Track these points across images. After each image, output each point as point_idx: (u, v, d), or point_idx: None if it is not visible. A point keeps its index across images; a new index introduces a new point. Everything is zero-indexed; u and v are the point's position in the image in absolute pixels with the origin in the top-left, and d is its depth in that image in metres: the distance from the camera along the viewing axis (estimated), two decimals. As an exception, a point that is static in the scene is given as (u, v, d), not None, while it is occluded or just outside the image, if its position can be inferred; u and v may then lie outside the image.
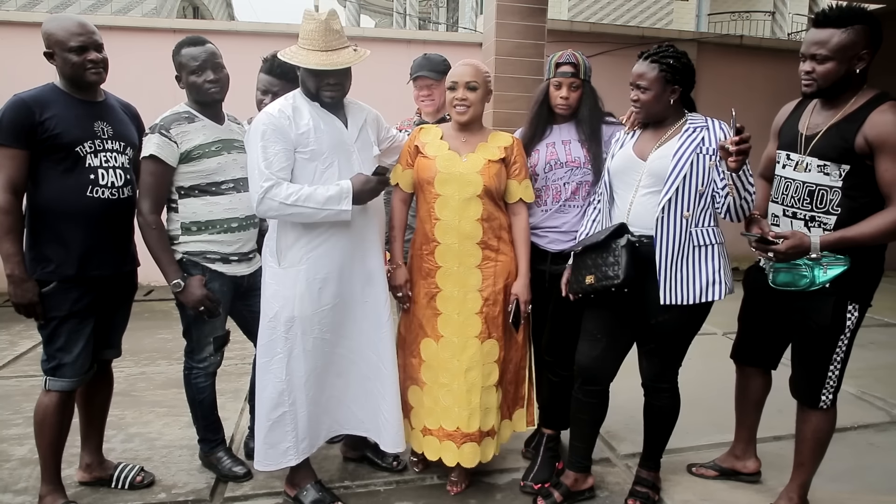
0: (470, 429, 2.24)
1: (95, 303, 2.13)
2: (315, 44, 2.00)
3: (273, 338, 2.13)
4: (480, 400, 2.25)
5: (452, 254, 2.23)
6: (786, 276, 2.04)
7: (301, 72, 2.09)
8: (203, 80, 2.23)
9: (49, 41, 2.03)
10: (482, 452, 2.29)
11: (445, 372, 2.26)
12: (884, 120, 1.87)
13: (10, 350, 4.01)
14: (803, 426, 2.14)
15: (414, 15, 17.46)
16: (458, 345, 2.24)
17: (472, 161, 2.23)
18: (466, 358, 2.23)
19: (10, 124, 1.95)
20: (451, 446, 2.27)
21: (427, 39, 6.41)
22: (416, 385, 2.35)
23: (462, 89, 2.21)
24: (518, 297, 2.28)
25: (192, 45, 2.25)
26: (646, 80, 2.03)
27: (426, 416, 2.32)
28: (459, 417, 2.24)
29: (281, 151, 2.02)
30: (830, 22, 1.90)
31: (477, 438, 2.26)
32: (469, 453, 2.26)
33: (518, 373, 2.42)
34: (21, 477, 2.44)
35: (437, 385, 2.28)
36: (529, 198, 2.32)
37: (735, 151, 1.81)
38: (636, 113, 2.14)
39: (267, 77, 2.46)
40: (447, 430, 2.27)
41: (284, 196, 1.99)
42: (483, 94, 2.25)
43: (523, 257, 2.31)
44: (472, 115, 2.25)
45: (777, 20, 11.61)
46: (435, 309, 2.27)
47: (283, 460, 2.18)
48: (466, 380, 2.23)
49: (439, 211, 2.23)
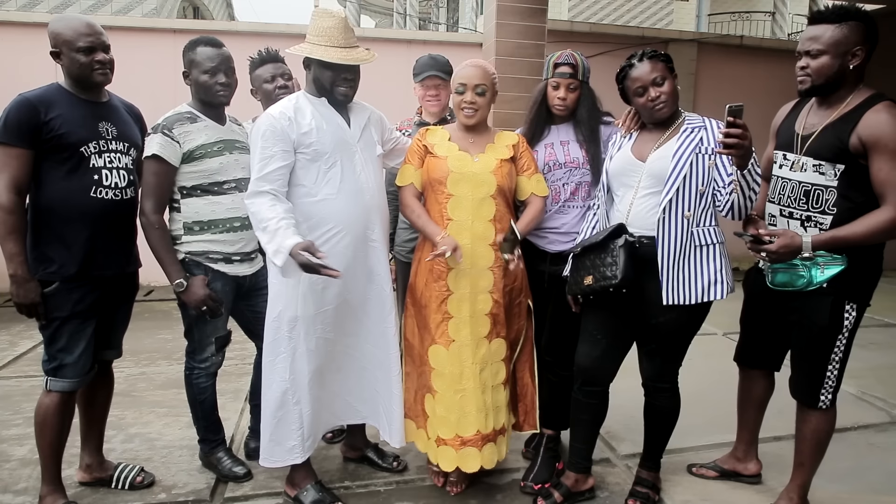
0: (488, 429, 2.23)
1: (97, 303, 2.13)
2: (334, 40, 2.04)
3: (277, 337, 2.14)
4: (492, 399, 2.25)
5: (465, 255, 2.20)
6: (783, 277, 2.04)
7: (315, 68, 2.10)
8: (215, 81, 2.25)
9: (56, 41, 2.03)
10: (498, 451, 2.29)
11: (460, 377, 2.22)
12: (878, 119, 1.87)
13: (10, 350, 4.01)
14: (803, 426, 2.14)
15: (414, 15, 17.46)
16: (471, 347, 2.22)
17: (485, 161, 2.22)
18: (479, 359, 2.23)
19: (15, 124, 1.95)
20: (472, 452, 2.22)
21: (427, 40, 6.42)
22: (430, 393, 2.31)
23: (471, 93, 2.21)
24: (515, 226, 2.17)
25: (209, 46, 2.26)
26: (658, 72, 2.02)
27: (439, 425, 2.27)
28: (478, 420, 2.21)
29: (278, 153, 2.03)
30: (825, 18, 1.93)
31: (493, 438, 2.26)
32: (489, 455, 2.25)
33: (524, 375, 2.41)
34: (21, 477, 2.44)
35: (451, 392, 2.24)
36: (542, 192, 2.30)
37: (721, 143, 1.81)
38: (659, 110, 2.06)
39: (269, 65, 2.52)
40: (465, 436, 2.22)
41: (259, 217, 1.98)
42: (491, 96, 2.25)
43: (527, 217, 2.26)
44: (479, 118, 2.25)
45: (777, 20, 11.61)
46: (446, 313, 2.24)
47: (289, 458, 2.19)
48: (480, 380, 2.22)
49: (451, 211, 2.21)
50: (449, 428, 2.24)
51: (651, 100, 2.05)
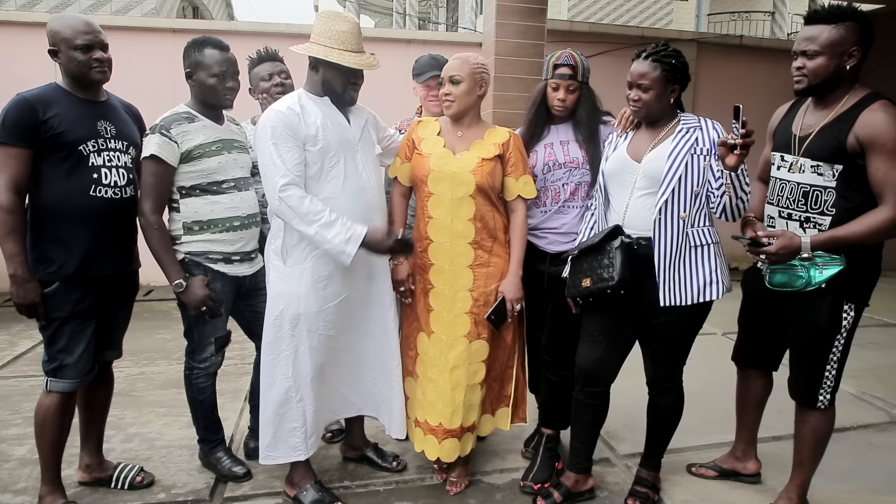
0: (452, 425, 2.25)
1: (97, 304, 2.13)
2: (349, 45, 2.07)
3: (279, 335, 2.14)
4: (465, 398, 2.26)
5: (444, 252, 2.23)
6: (782, 277, 2.04)
7: (326, 71, 2.10)
8: (223, 85, 2.26)
9: (55, 39, 2.03)
10: (461, 447, 2.31)
11: (433, 367, 2.28)
12: (874, 119, 1.87)
13: (9, 350, 4.01)
14: (802, 426, 2.14)
15: (414, 15, 17.45)
16: (446, 343, 2.25)
17: (465, 159, 2.22)
18: (453, 356, 2.24)
19: (14, 123, 1.95)
20: (432, 440, 2.29)
21: (427, 39, 6.42)
22: (411, 377, 2.38)
23: (447, 83, 2.22)
24: (504, 294, 2.25)
25: (217, 48, 2.26)
26: (648, 79, 2.02)
27: (417, 407, 2.35)
28: (443, 414, 2.25)
29: (294, 148, 2.04)
30: (821, 19, 1.93)
31: (458, 434, 2.27)
32: (449, 448, 2.28)
33: (504, 371, 2.41)
34: (21, 477, 2.44)
35: (426, 379, 2.31)
36: (529, 194, 2.30)
37: (741, 145, 1.81)
38: (635, 112, 2.10)
39: (267, 63, 2.54)
40: (431, 424, 2.28)
41: (305, 211, 2.00)
42: (469, 86, 2.21)
43: (517, 255, 2.29)
44: (457, 108, 2.23)
45: (777, 20, 11.61)
46: (428, 305, 2.29)
47: (292, 455, 2.21)
48: (451, 377, 2.24)
49: (432, 209, 2.23)
50: (422, 411, 2.32)
51: (630, 99, 2.08)
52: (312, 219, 2.01)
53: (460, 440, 2.29)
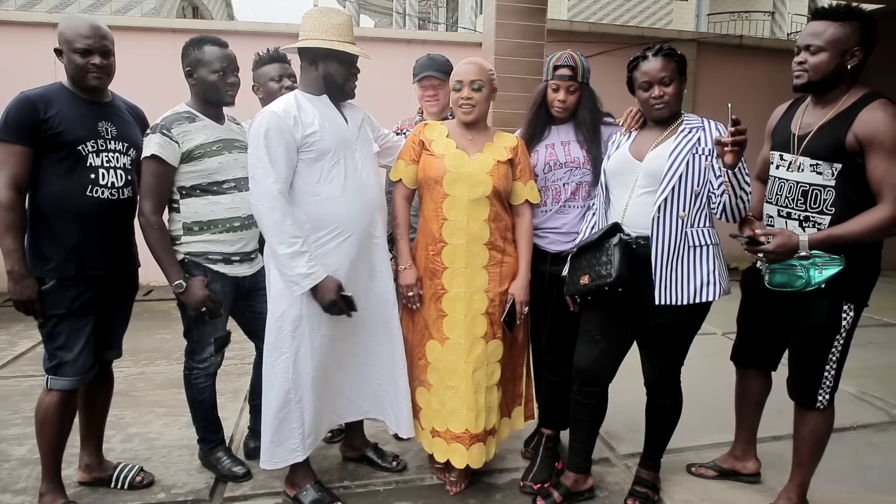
0: (478, 429, 2.24)
1: (94, 301, 2.13)
2: (345, 36, 2.11)
3: (280, 337, 2.14)
4: (485, 399, 2.26)
5: (460, 254, 2.21)
6: (781, 277, 2.04)
7: (327, 64, 2.11)
8: (224, 81, 2.26)
9: (59, 39, 2.04)
10: (487, 451, 2.30)
11: (452, 374, 2.24)
12: (873, 117, 1.87)
13: (9, 350, 4.01)
14: (801, 426, 2.14)
15: (413, 15, 17.45)
16: (465, 346, 2.23)
17: (482, 161, 2.22)
18: (473, 358, 2.23)
19: (15, 121, 1.96)
20: (460, 448, 2.25)
21: (427, 39, 6.41)
22: (423, 387, 2.34)
23: (467, 89, 2.21)
24: (515, 297, 2.27)
25: (216, 45, 2.27)
26: (668, 71, 2.02)
27: (434, 417, 2.31)
28: (468, 419, 2.23)
29: (283, 154, 2.03)
30: (828, 15, 1.94)
31: (483, 438, 2.27)
32: (477, 454, 2.26)
33: (516, 370, 2.43)
34: (20, 477, 2.44)
35: (443, 387, 2.27)
36: (535, 198, 2.33)
37: (731, 143, 1.81)
38: (659, 110, 2.06)
39: (276, 64, 2.54)
40: (455, 432, 2.25)
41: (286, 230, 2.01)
42: (488, 92, 2.25)
43: (524, 258, 2.31)
44: (477, 114, 2.25)
45: (776, 20, 11.62)
46: (441, 311, 2.26)
47: (290, 458, 2.19)
48: (473, 380, 2.23)
49: (447, 211, 2.22)
50: (442, 420, 2.28)
51: (654, 97, 2.05)
52: (288, 240, 2.01)
53: (485, 444, 2.28)
